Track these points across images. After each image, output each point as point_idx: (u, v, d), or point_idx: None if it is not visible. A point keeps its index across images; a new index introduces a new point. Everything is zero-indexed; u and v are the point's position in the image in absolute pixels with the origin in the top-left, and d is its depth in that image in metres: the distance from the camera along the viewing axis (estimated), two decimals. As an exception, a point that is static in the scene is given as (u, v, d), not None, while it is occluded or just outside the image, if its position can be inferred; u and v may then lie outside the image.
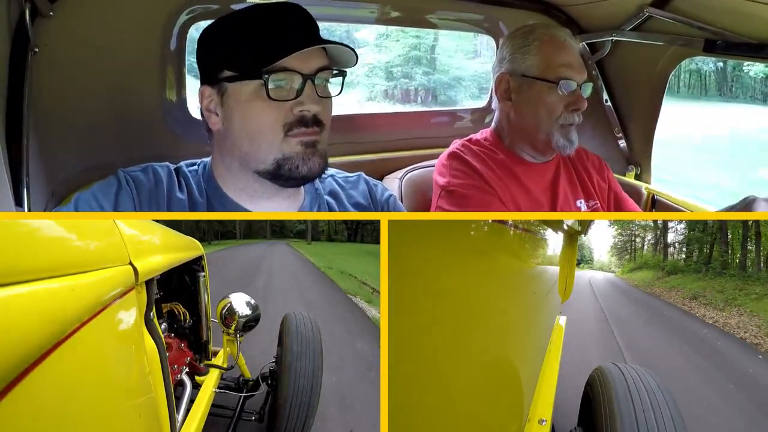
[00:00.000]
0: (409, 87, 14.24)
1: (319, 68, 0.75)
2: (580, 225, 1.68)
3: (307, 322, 1.22)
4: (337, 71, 0.79)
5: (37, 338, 0.28)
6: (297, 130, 0.75)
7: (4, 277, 0.27)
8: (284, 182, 0.79)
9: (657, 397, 0.88)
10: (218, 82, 0.76)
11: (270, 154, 0.76)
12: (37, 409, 0.28)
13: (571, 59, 1.08)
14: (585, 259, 11.79)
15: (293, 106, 0.74)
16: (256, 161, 0.77)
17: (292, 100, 0.74)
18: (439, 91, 14.00)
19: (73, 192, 1.02)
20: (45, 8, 0.88)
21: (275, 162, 0.76)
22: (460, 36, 12.49)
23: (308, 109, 0.74)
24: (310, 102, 0.74)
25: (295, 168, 0.76)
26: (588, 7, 1.39)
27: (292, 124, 0.75)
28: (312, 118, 0.75)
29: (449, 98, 13.58)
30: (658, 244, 8.37)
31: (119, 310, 0.45)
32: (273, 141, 0.75)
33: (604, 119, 1.58)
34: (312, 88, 0.75)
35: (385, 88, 14.30)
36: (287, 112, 0.74)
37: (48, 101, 0.96)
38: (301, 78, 0.73)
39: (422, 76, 14.02)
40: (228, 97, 0.76)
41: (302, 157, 0.76)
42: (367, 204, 0.93)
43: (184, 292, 1.17)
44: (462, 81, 13.74)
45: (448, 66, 14.01)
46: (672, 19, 1.20)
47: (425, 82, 14.02)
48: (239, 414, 1.14)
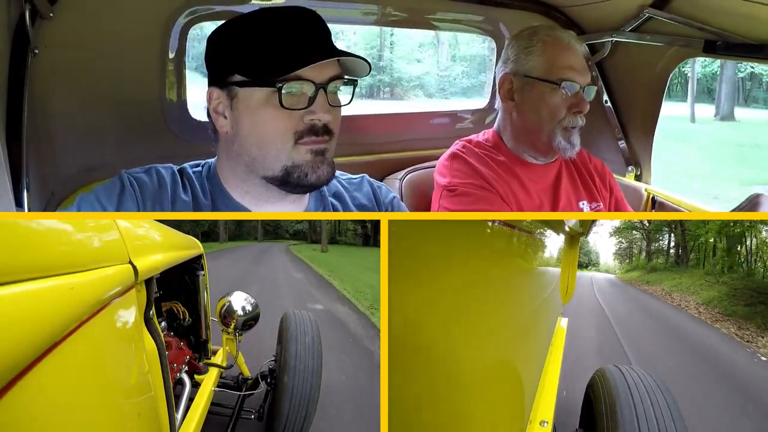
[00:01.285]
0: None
1: (332, 77, 0.75)
2: (581, 226, 1.68)
3: (306, 321, 1.22)
4: (348, 80, 0.79)
5: (36, 337, 0.28)
6: (307, 138, 0.75)
7: (3, 276, 0.27)
8: (292, 189, 0.79)
9: (658, 399, 0.88)
10: (228, 86, 0.75)
11: (279, 162, 0.75)
12: (37, 407, 0.28)
13: (575, 61, 1.08)
14: (592, 263, 13.93)
15: (304, 115, 0.74)
16: (264, 167, 0.77)
17: (304, 108, 0.73)
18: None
19: (73, 192, 1.02)
20: (45, 9, 0.88)
21: (284, 169, 0.76)
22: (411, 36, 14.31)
23: (319, 119, 0.74)
24: (321, 111, 0.74)
25: (304, 176, 0.76)
26: (588, 8, 1.39)
27: (302, 133, 0.74)
28: (323, 127, 0.75)
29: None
30: (649, 251, 10.71)
31: (119, 309, 0.45)
32: (282, 148, 0.75)
33: (604, 120, 1.58)
34: (324, 97, 0.74)
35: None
36: (298, 121, 0.74)
37: (48, 102, 0.96)
38: (314, 87, 0.73)
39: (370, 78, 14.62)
40: (238, 102, 0.75)
41: (311, 165, 0.76)
42: (371, 205, 0.93)
43: (184, 291, 1.17)
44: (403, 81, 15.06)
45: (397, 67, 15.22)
46: (672, 20, 1.21)
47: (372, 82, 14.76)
48: (238, 413, 1.14)
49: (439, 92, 14.84)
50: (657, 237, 9.53)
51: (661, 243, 9.64)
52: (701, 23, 1.17)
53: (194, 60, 1.39)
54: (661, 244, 9.81)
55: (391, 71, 15.02)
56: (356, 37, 14.16)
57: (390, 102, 13.82)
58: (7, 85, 0.85)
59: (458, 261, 0.50)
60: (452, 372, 0.46)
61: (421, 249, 0.42)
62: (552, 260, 1.40)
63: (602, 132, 1.59)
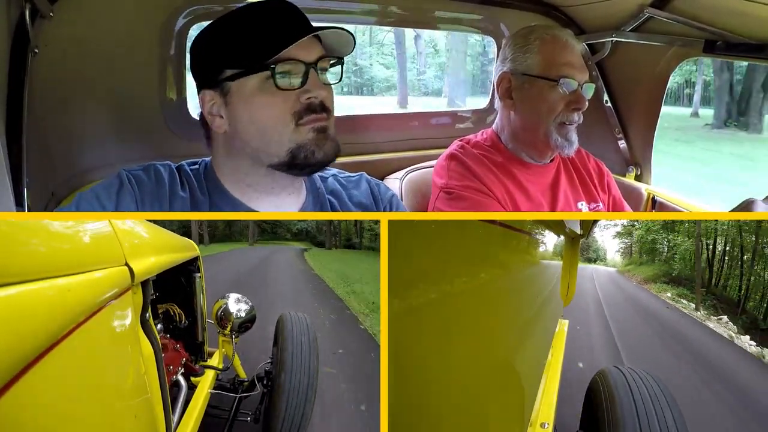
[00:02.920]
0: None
1: (319, 57, 0.76)
2: (581, 228, 1.67)
3: (302, 323, 1.22)
4: (335, 60, 0.80)
5: (32, 339, 0.28)
6: (307, 117, 0.75)
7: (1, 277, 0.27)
8: (299, 171, 0.79)
9: (659, 401, 0.88)
10: (220, 84, 0.76)
11: (282, 146, 0.76)
12: (33, 410, 0.28)
13: (573, 59, 1.08)
14: (600, 258, 15.84)
15: (300, 95, 0.75)
16: (268, 155, 0.77)
17: (299, 88, 0.74)
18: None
19: (73, 192, 1.01)
20: (45, 9, 0.88)
21: (289, 152, 0.76)
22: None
23: (315, 96, 0.75)
24: (316, 89, 0.75)
25: (311, 155, 0.76)
26: (588, 8, 1.39)
27: (301, 112, 0.75)
28: (320, 104, 0.76)
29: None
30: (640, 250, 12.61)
31: (115, 311, 0.45)
32: (284, 131, 0.75)
33: (604, 120, 1.58)
34: (315, 75, 0.76)
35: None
36: (295, 101, 0.75)
37: (48, 102, 0.96)
38: (304, 66, 0.74)
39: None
40: (232, 96, 0.76)
41: (316, 143, 0.76)
42: (370, 204, 0.93)
43: (180, 293, 1.17)
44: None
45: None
46: (672, 19, 1.20)
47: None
48: (235, 415, 1.13)
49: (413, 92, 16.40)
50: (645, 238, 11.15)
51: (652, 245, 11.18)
52: (701, 23, 1.17)
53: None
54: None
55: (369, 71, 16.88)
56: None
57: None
58: (7, 85, 0.85)
59: (458, 262, 0.50)
60: (452, 373, 0.46)
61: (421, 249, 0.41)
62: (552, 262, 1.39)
63: (602, 132, 1.59)
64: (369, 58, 16.98)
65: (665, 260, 8.73)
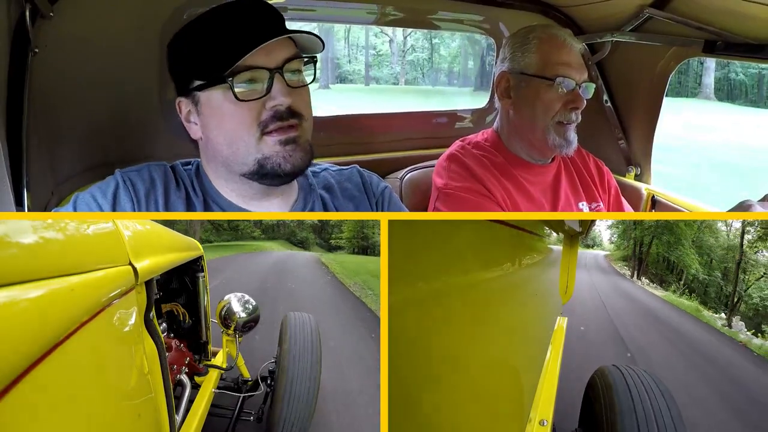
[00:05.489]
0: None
1: (287, 59, 0.73)
2: (580, 226, 1.68)
3: (306, 323, 1.22)
4: (308, 58, 0.77)
5: (36, 339, 0.28)
6: (273, 125, 0.73)
7: (3, 277, 0.27)
8: (271, 181, 0.78)
9: (658, 399, 0.88)
10: (191, 92, 0.75)
11: (249, 156, 0.74)
12: (37, 409, 0.28)
13: (571, 58, 1.08)
14: (597, 244, 19.81)
15: (265, 102, 0.72)
16: (238, 164, 0.76)
17: (261, 98, 0.72)
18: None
19: (73, 192, 1.01)
20: (45, 9, 0.88)
21: (256, 162, 0.74)
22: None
23: (280, 103, 0.72)
24: (280, 95, 0.72)
25: (278, 166, 0.74)
26: (588, 8, 1.39)
27: (267, 122, 0.73)
28: (286, 111, 0.73)
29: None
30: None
31: (119, 311, 0.45)
32: (250, 142, 0.73)
33: (604, 120, 1.58)
34: (282, 80, 0.72)
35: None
36: (259, 110, 0.72)
37: (48, 101, 0.96)
38: (268, 73, 0.71)
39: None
40: (201, 106, 0.75)
41: (282, 155, 0.74)
42: (361, 195, 0.91)
43: (184, 293, 1.17)
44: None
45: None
46: (671, 19, 1.20)
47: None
48: (238, 414, 1.14)
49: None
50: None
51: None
52: (701, 23, 1.17)
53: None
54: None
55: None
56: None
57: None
58: (7, 85, 0.85)
59: (457, 260, 0.50)
60: (451, 371, 0.46)
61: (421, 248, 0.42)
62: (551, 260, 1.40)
63: (602, 132, 1.59)
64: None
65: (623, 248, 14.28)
